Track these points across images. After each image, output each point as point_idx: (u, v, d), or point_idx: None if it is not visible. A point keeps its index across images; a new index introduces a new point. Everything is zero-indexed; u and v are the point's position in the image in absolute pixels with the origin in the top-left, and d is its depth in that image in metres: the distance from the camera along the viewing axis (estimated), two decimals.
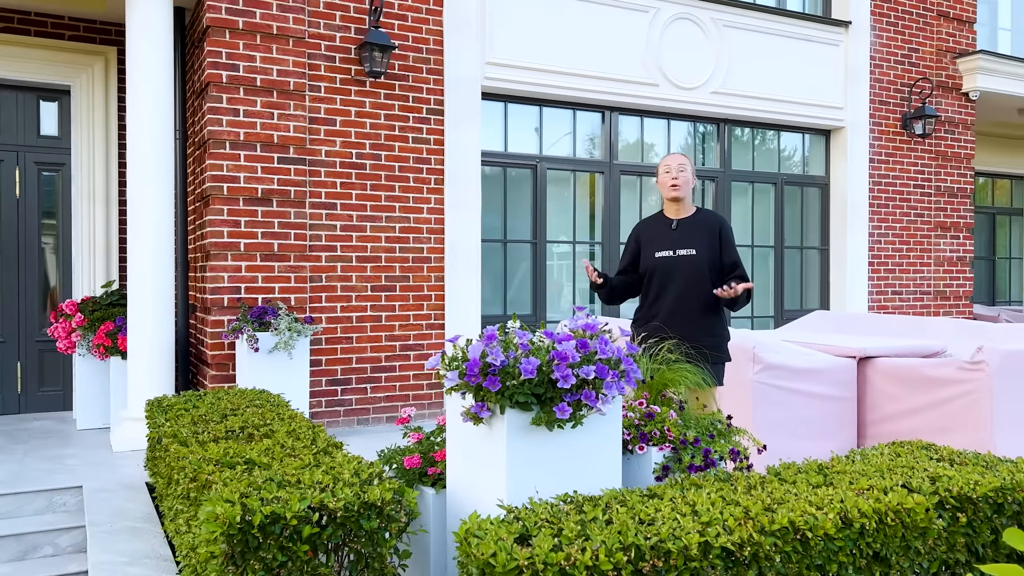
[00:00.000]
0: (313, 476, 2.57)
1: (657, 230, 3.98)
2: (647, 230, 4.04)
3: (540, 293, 7.49)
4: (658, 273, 3.86)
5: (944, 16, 9.26)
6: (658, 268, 3.86)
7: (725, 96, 8.05)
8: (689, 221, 3.94)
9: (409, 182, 6.74)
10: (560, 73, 7.29)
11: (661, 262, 3.86)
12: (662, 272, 3.85)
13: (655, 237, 3.96)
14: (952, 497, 2.44)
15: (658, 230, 3.98)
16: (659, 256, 3.88)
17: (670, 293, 3.82)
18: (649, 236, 3.99)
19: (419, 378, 6.77)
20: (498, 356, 2.41)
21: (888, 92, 8.98)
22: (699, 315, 3.85)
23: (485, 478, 2.62)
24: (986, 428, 4.59)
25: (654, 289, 3.89)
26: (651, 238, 3.97)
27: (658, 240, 3.93)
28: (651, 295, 3.90)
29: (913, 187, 9.16)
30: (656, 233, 3.97)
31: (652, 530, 2.08)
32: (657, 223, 4.03)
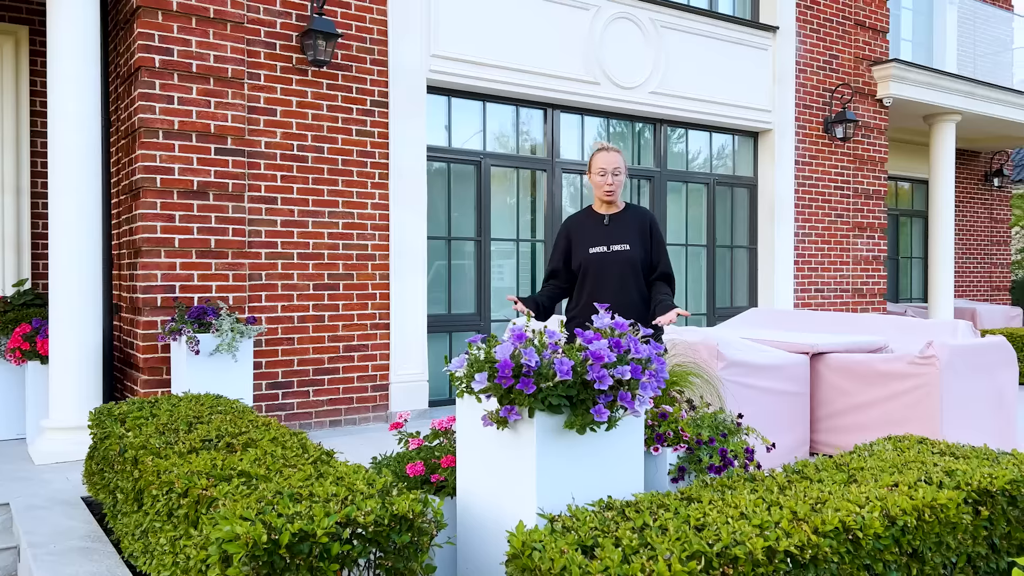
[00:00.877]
0: (326, 489, 2.39)
1: (588, 226, 3.90)
2: (578, 226, 3.94)
3: (484, 292, 7.37)
4: (593, 268, 3.79)
5: (861, 25, 9.68)
6: (593, 263, 3.79)
7: (662, 96, 8.15)
8: (620, 217, 3.89)
9: (353, 176, 6.49)
10: (505, 68, 7.19)
11: (596, 257, 3.80)
12: (597, 267, 3.79)
13: (587, 233, 3.88)
14: (973, 491, 2.49)
15: (590, 226, 3.90)
16: (593, 252, 3.81)
17: (607, 288, 3.77)
18: (581, 232, 3.90)
19: (364, 380, 6.54)
20: (532, 357, 2.30)
21: (811, 97, 9.30)
22: (636, 309, 3.82)
23: (509, 484, 2.50)
24: (936, 420, 4.78)
25: (589, 285, 3.81)
26: (583, 234, 3.89)
27: (591, 236, 3.86)
28: (587, 291, 3.82)
29: (834, 188, 9.52)
30: (588, 229, 3.89)
31: (710, 536, 2.02)
32: (588, 219, 3.94)
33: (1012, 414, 5.25)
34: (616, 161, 3.81)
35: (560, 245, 3.94)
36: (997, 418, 5.15)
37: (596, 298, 3.72)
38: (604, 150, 3.84)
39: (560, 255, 3.92)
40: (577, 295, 3.90)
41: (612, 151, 3.83)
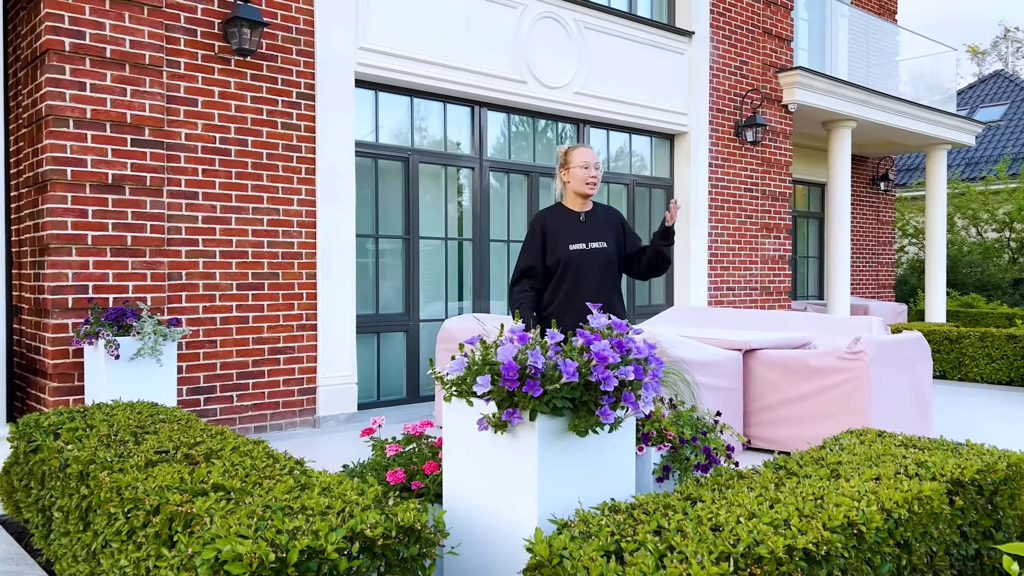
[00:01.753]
0: (317, 501, 2.25)
1: (566, 222, 3.87)
2: (554, 222, 3.88)
3: (413, 291, 7.24)
4: (574, 265, 3.77)
5: (768, 33, 10.07)
6: (573, 260, 3.77)
7: (586, 97, 8.22)
8: (594, 214, 3.89)
9: (278, 171, 6.24)
10: (433, 64, 7.08)
11: (577, 254, 3.77)
12: (578, 264, 3.77)
13: (565, 229, 3.84)
14: (948, 482, 2.60)
15: (567, 222, 3.86)
16: (574, 248, 3.78)
17: (588, 285, 3.76)
18: (557, 228, 3.85)
19: (290, 384, 6.29)
20: (539, 359, 2.24)
21: (724, 101, 9.61)
22: (614, 307, 3.87)
23: (506, 490, 2.43)
24: (864, 412, 5.01)
25: (568, 281, 3.77)
26: (560, 230, 3.84)
27: (569, 232, 3.83)
28: (565, 287, 3.78)
29: (744, 191, 9.87)
30: (565, 225, 3.86)
31: (729, 536, 2.02)
32: (563, 215, 3.90)
33: (929, 404, 5.57)
34: (596, 156, 3.83)
35: (535, 241, 3.84)
36: (916, 408, 5.45)
37: (574, 295, 3.69)
38: (582, 145, 3.84)
39: (537, 252, 3.82)
40: (552, 291, 3.81)
41: (589, 147, 3.85)
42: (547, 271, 3.88)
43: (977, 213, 18.46)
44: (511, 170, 7.92)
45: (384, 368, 7.16)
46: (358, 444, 5.76)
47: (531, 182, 8.06)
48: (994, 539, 2.78)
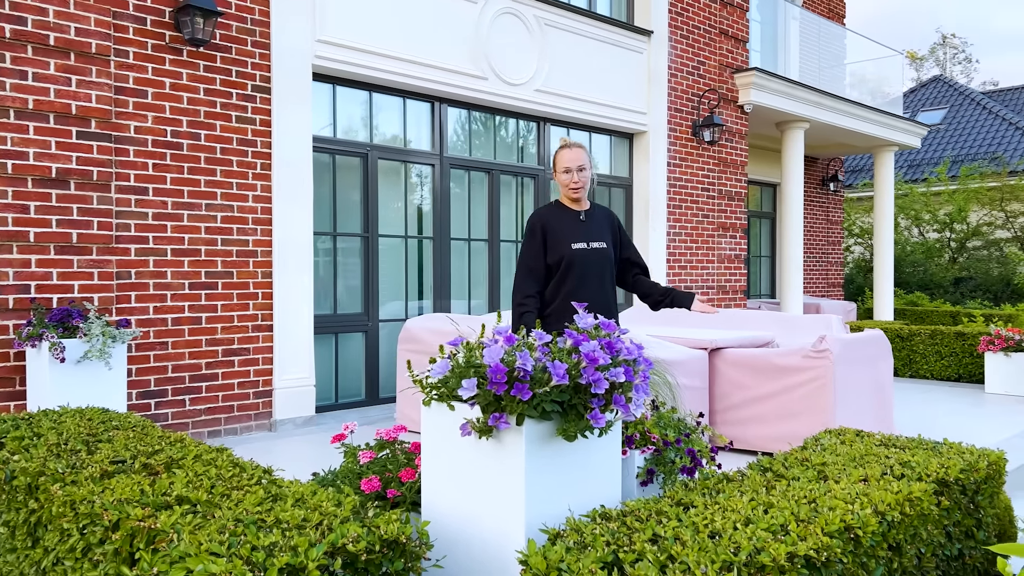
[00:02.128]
0: (292, 513, 2.12)
1: (566, 221, 3.77)
2: (553, 221, 3.78)
3: (372, 290, 7.07)
4: (576, 265, 3.67)
5: (724, 34, 10.13)
6: (576, 260, 3.67)
7: (547, 95, 8.15)
8: (592, 214, 3.82)
9: (233, 166, 6.02)
10: (392, 58, 6.92)
11: (579, 254, 3.68)
12: (581, 264, 3.68)
13: (566, 228, 3.74)
14: (933, 482, 2.58)
15: (567, 221, 3.77)
16: (576, 248, 3.69)
17: (591, 286, 3.68)
18: (558, 227, 3.75)
19: (245, 386, 6.08)
20: (528, 361, 2.14)
21: (682, 101, 9.64)
22: (612, 308, 3.81)
23: (490, 498, 2.33)
24: (829, 410, 5.03)
25: (570, 281, 3.67)
26: (561, 229, 3.74)
27: (570, 232, 3.73)
28: (566, 287, 3.67)
29: (701, 190, 9.92)
30: (565, 224, 3.76)
31: (728, 543, 1.95)
32: (563, 214, 3.81)
33: (890, 401, 5.63)
34: (580, 158, 3.69)
35: (536, 242, 3.71)
36: (878, 405, 5.50)
37: (577, 296, 3.61)
38: (567, 147, 3.71)
39: (539, 253, 3.69)
40: (553, 290, 3.69)
41: (575, 147, 3.70)
42: (548, 270, 3.76)
43: (919, 214, 18.96)
44: (472, 167, 7.80)
45: (343, 369, 6.98)
46: (318, 448, 5.59)
47: (492, 180, 7.96)
48: (975, 538, 2.78)
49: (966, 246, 18.85)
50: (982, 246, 18.64)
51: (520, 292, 3.65)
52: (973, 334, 8.79)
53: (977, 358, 8.73)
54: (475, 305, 7.90)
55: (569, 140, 3.73)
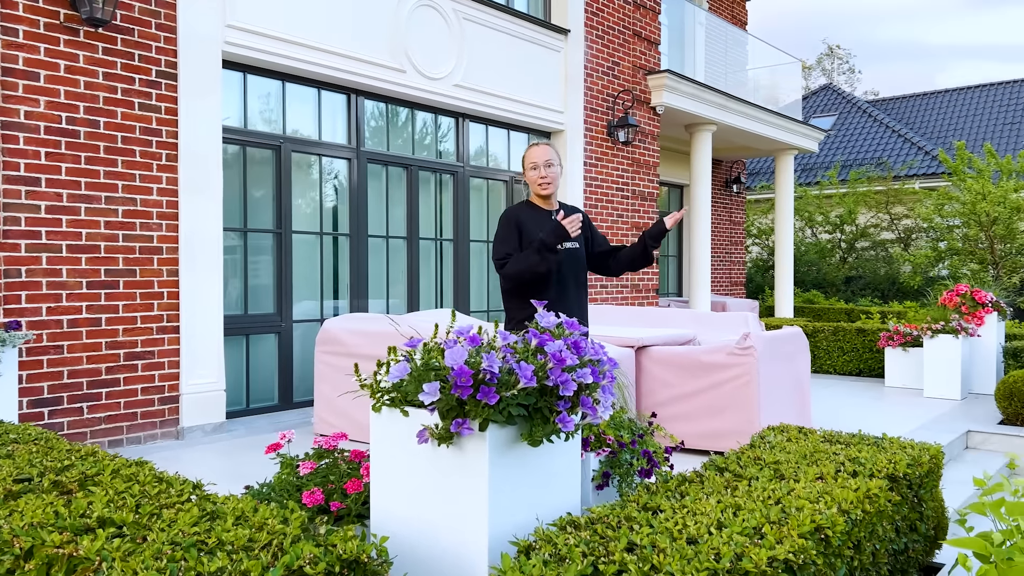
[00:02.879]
0: (235, 533, 1.92)
1: (538, 220, 3.65)
2: (526, 220, 3.66)
3: (286, 290, 6.76)
4: (552, 266, 3.56)
5: (638, 35, 10.25)
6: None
7: (466, 90, 8.01)
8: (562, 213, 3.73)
9: (135, 157, 5.62)
10: (307, 47, 6.64)
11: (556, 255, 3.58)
12: (556, 265, 3.58)
13: (538, 227, 3.62)
14: (885, 478, 2.60)
15: (539, 220, 3.65)
16: None
17: (568, 287, 3.60)
18: (531, 226, 3.63)
19: (149, 392, 5.69)
20: (494, 363, 2.01)
21: (597, 100, 9.68)
22: (586, 310, 3.77)
23: (450, 509, 2.19)
24: (754, 405, 5.10)
25: (548, 282, 3.58)
26: (534, 228, 3.62)
27: (543, 231, 3.57)
28: (543, 288, 3.58)
29: (616, 190, 10.00)
30: (538, 223, 3.64)
31: (708, 551, 1.88)
32: (535, 214, 3.68)
33: (807, 396, 5.77)
34: (547, 154, 3.61)
35: (512, 233, 3.59)
36: (797, 400, 5.64)
37: (552, 295, 3.52)
38: (535, 145, 3.67)
39: (514, 243, 3.57)
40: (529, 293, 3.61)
41: (542, 144, 3.65)
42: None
43: (812, 215, 19.80)
44: (390, 163, 7.59)
45: (254, 373, 6.65)
46: (230, 457, 5.27)
47: (410, 176, 7.76)
48: (918, 531, 2.82)
49: (855, 246, 19.81)
50: (870, 247, 19.62)
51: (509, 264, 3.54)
52: (873, 331, 9.19)
53: (876, 353, 9.12)
54: (393, 304, 7.69)
55: (535, 140, 3.64)
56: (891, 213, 19.58)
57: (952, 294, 7.95)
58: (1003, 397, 6.34)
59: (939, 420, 6.49)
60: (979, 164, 16.01)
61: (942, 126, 23.79)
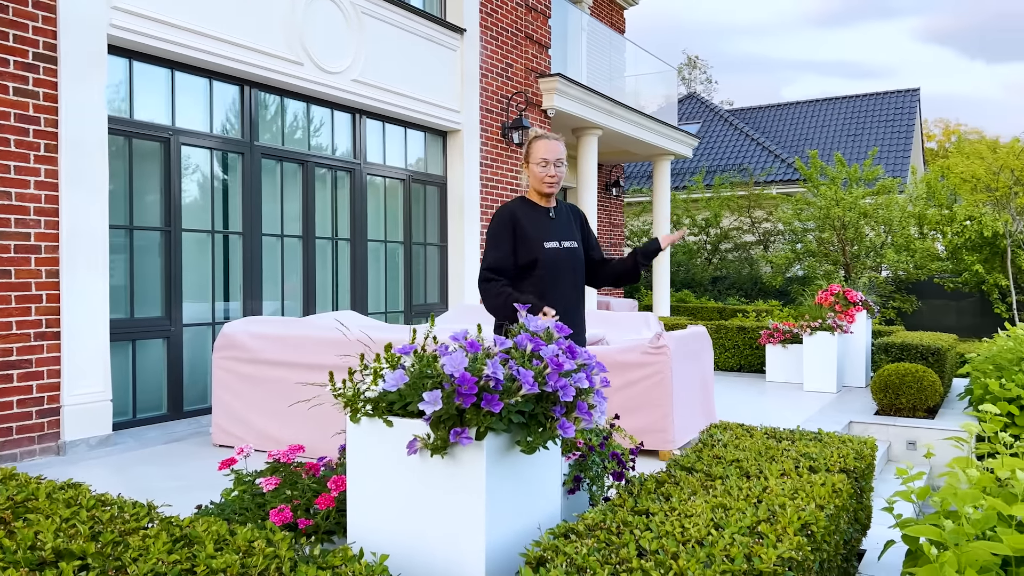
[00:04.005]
0: (226, 559, 1.76)
1: (536, 219, 3.50)
2: (524, 218, 3.49)
3: (175, 291, 6.34)
4: (548, 265, 3.43)
5: (530, 38, 10.34)
6: (549, 260, 3.43)
7: (364, 86, 7.81)
8: (560, 211, 3.59)
9: (10, 146, 5.11)
10: (198, 34, 6.25)
11: (552, 254, 3.44)
12: (553, 264, 3.44)
13: (537, 226, 3.48)
14: (841, 471, 2.72)
15: (537, 219, 3.50)
16: (548, 247, 3.45)
17: (565, 287, 3.46)
18: (529, 225, 3.47)
19: (26, 404, 5.19)
20: (498, 369, 1.94)
21: (492, 101, 9.68)
22: (583, 309, 3.63)
23: (441, 523, 2.10)
24: (668, 403, 5.24)
25: (543, 283, 3.43)
26: (532, 227, 3.47)
27: (542, 230, 3.48)
28: (539, 290, 3.44)
29: (511, 191, 10.04)
30: (536, 222, 3.49)
31: (719, 553, 1.89)
32: (533, 211, 3.52)
33: (712, 393, 5.99)
34: (559, 150, 3.41)
35: (506, 235, 3.40)
36: (703, 396, 5.84)
37: (548, 298, 3.36)
38: (545, 138, 3.41)
39: (509, 249, 3.39)
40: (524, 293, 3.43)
41: (555, 139, 3.42)
42: (517, 269, 3.46)
43: (680, 218, 20.68)
44: (285, 158, 7.27)
45: (142, 381, 6.20)
46: (121, 473, 4.88)
47: (306, 172, 7.47)
48: (859, 521, 2.98)
49: (720, 248, 20.85)
50: (733, 248, 20.70)
51: (487, 283, 3.36)
52: (753, 328, 9.68)
53: (757, 350, 9.62)
54: (288, 307, 7.38)
55: (546, 132, 3.49)
56: (752, 217, 20.74)
57: (827, 293, 8.49)
58: (879, 389, 6.83)
59: (824, 412, 6.92)
60: (831, 172, 17.23)
61: (794, 135, 25.45)
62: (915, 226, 16.48)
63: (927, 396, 6.67)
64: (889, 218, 15.67)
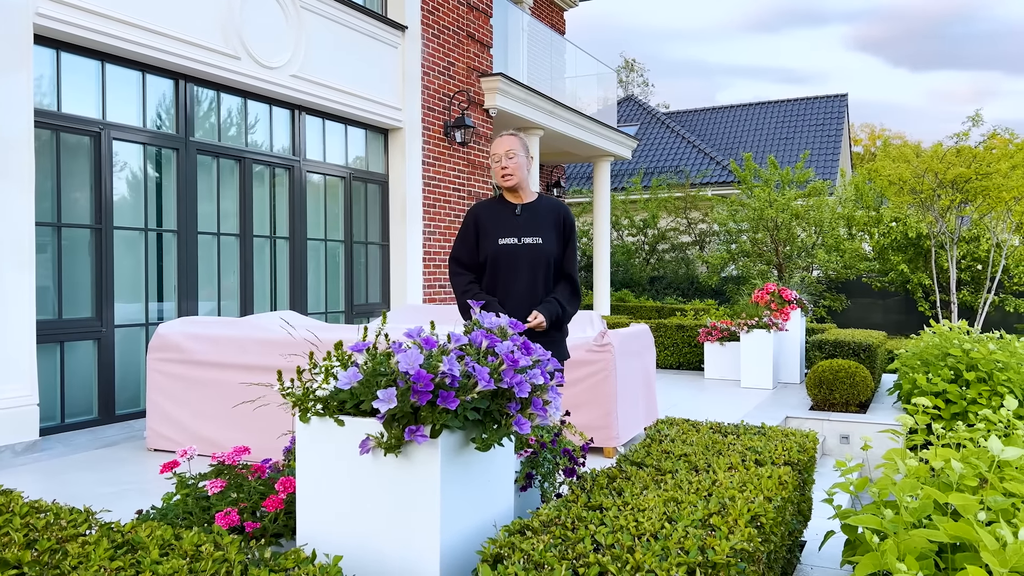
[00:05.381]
0: (173, 565, 1.70)
1: (500, 215, 3.54)
2: (487, 214, 3.55)
3: (106, 291, 6.12)
4: (503, 262, 3.45)
5: (471, 37, 10.31)
6: (503, 256, 3.45)
7: (304, 82, 7.67)
8: (533, 207, 3.58)
9: None
10: (129, 25, 6.05)
11: (506, 249, 3.46)
12: (508, 261, 3.45)
13: (498, 222, 3.52)
14: (786, 464, 2.78)
15: (501, 215, 3.53)
16: (503, 243, 3.47)
17: (520, 284, 3.45)
18: (490, 221, 3.52)
19: None
20: (454, 366, 1.92)
21: (434, 100, 9.63)
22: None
23: (394, 523, 2.06)
24: (612, 400, 5.29)
25: (502, 280, 3.46)
26: (493, 223, 3.51)
27: (501, 226, 3.51)
28: (498, 286, 3.47)
29: (452, 190, 10.00)
30: (498, 218, 3.53)
31: (674, 546, 1.91)
32: (498, 207, 3.57)
33: (654, 390, 6.07)
34: (508, 144, 3.45)
35: (468, 234, 3.47)
36: (646, 393, 5.91)
37: (507, 295, 3.37)
38: (497, 135, 3.51)
39: (470, 244, 3.46)
40: (489, 291, 3.48)
41: (505, 136, 3.46)
42: (480, 267, 3.54)
43: (619, 219, 20.94)
44: (221, 154, 7.09)
45: (70, 384, 5.96)
46: (55, 479, 4.68)
47: (244, 169, 7.30)
48: (802, 512, 3.05)
49: (657, 248, 21.17)
50: (670, 248, 21.05)
51: (454, 277, 3.50)
52: (691, 327, 9.85)
53: (695, 348, 9.79)
54: (225, 306, 7.20)
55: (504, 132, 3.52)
56: (688, 218, 21.12)
57: (763, 292, 8.70)
58: (813, 385, 7.03)
59: (761, 407, 7.08)
60: (764, 175, 17.68)
61: (728, 138, 26.02)
62: (844, 227, 17.03)
63: (859, 391, 6.89)
64: (820, 219, 16.15)
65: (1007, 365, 6.39)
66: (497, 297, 3.43)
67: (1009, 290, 14.94)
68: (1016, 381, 6.31)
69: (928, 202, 13.47)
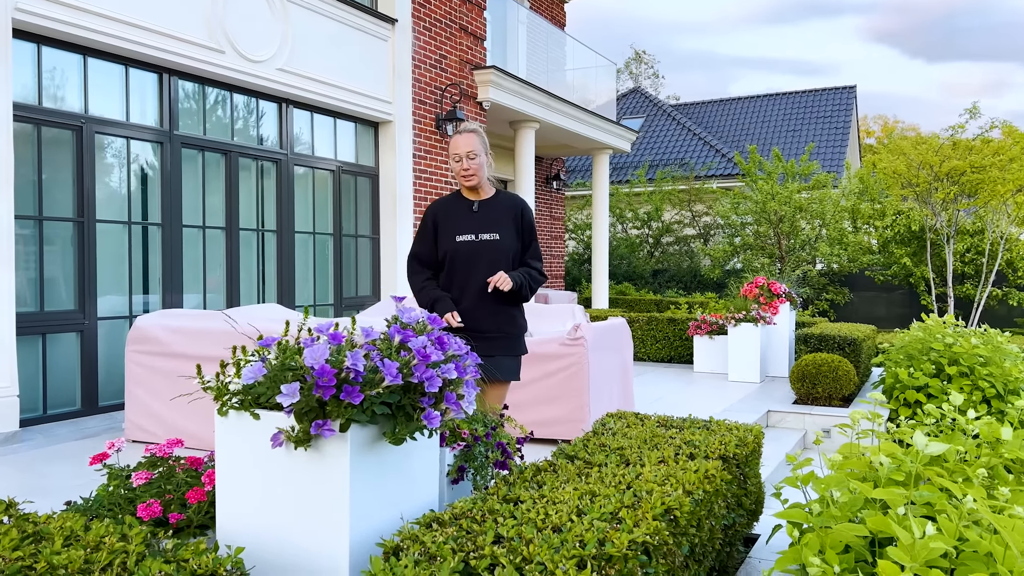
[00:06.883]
0: (69, 555, 1.73)
1: (457, 211, 3.56)
2: (445, 211, 3.58)
3: (89, 284, 6.18)
4: (460, 259, 3.48)
5: (464, 30, 10.31)
6: (461, 253, 3.48)
7: (290, 75, 7.70)
8: (490, 203, 3.60)
9: None
10: (112, 19, 6.10)
11: (463, 247, 3.49)
12: (465, 258, 3.48)
13: (455, 219, 3.54)
14: (719, 458, 2.79)
15: (458, 212, 3.56)
16: (461, 240, 3.49)
17: (476, 281, 3.48)
18: (448, 218, 3.55)
19: None
20: (359, 361, 1.95)
21: (426, 93, 9.64)
22: (505, 305, 3.57)
23: (307, 515, 2.09)
24: (584, 394, 5.30)
25: (460, 277, 3.50)
26: (450, 220, 3.54)
27: (459, 223, 3.53)
28: (456, 283, 3.51)
29: (444, 183, 10.02)
30: (456, 215, 3.55)
31: (574, 539, 1.93)
32: (456, 204, 3.59)
33: (631, 383, 6.08)
34: (470, 143, 3.45)
35: (426, 231, 3.51)
36: (622, 387, 5.92)
37: (466, 291, 3.42)
38: (458, 133, 3.47)
39: (428, 242, 3.51)
40: (444, 286, 3.53)
41: (466, 133, 3.45)
42: (440, 264, 3.58)
43: (623, 212, 20.90)
44: (207, 148, 7.14)
45: (53, 376, 6.04)
46: (30, 471, 4.76)
47: (229, 162, 7.35)
48: (744, 506, 3.06)
49: (661, 242, 21.13)
50: (674, 241, 21.00)
51: (413, 276, 3.57)
52: (682, 320, 9.84)
53: (686, 341, 9.78)
54: (211, 299, 7.26)
55: (463, 126, 3.50)
56: (693, 211, 21.06)
57: (752, 286, 8.67)
58: (796, 379, 7.01)
59: (744, 401, 7.07)
60: (768, 167, 17.58)
61: (736, 131, 25.88)
62: (848, 220, 16.92)
63: (842, 385, 6.87)
64: (823, 212, 16.06)
65: (989, 360, 6.36)
66: (452, 294, 3.47)
67: (1013, 283, 14.81)
68: (998, 375, 6.28)
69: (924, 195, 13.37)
